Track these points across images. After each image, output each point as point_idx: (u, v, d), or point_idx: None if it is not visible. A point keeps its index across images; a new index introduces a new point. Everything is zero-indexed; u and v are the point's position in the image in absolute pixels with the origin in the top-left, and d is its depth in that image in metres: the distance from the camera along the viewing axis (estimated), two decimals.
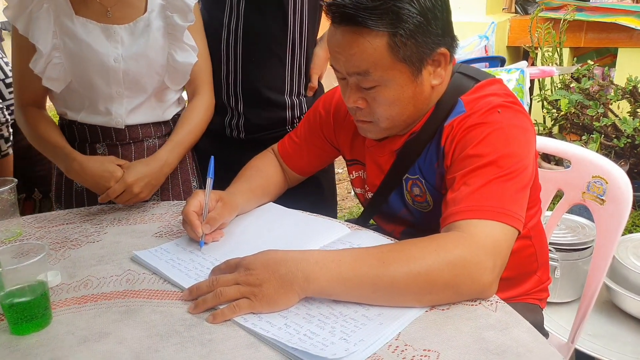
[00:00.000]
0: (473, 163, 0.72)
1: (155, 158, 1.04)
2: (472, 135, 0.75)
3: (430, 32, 0.74)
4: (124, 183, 0.98)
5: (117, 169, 0.99)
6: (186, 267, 0.77)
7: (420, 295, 0.63)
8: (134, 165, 1.01)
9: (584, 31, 3.12)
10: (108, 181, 0.98)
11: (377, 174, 0.91)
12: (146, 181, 1.00)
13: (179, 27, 1.04)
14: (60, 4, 0.99)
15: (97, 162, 1.00)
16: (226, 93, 1.20)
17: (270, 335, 0.60)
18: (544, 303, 1.02)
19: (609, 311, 1.47)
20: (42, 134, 1.04)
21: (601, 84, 2.70)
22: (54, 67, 1.00)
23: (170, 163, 1.07)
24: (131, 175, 0.98)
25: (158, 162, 1.04)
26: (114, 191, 0.97)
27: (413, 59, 0.74)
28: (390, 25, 0.71)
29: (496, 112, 0.76)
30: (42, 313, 0.64)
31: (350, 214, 2.58)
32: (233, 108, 1.21)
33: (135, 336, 0.62)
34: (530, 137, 0.77)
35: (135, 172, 0.99)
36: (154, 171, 1.02)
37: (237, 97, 1.20)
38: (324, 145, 1.01)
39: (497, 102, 0.77)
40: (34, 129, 1.05)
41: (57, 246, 0.87)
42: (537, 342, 0.58)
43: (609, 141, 2.60)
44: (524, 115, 0.78)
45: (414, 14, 0.71)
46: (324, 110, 0.99)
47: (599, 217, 1.02)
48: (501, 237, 0.67)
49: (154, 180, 1.03)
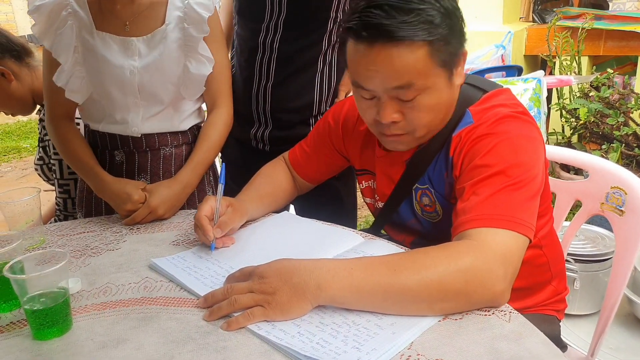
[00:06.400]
0: (482, 173, 0.73)
1: (177, 180, 1.07)
2: (481, 146, 0.75)
3: (456, 33, 0.75)
4: (148, 207, 1.01)
5: (135, 192, 1.02)
6: (202, 274, 0.78)
7: (432, 303, 0.63)
8: (156, 188, 1.04)
9: (603, 39, 3.08)
10: (125, 203, 1.01)
11: (387, 184, 0.91)
12: (170, 204, 1.04)
13: (194, 38, 1.07)
14: (82, 20, 1.03)
15: (121, 184, 1.04)
16: (256, 108, 1.22)
17: (283, 344, 0.60)
18: (561, 314, 1.00)
19: (630, 324, 1.43)
20: (73, 152, 1.09)
21: (622, 92, 2.66)
22: (76, 80, 1.05)
23: (192, 184, 1.10)
24: (155, 199, 1.02)
25: (180, 184, 1.07)
26: (139, 215, 1.01)
27: (448, 62, 0.75)
28: (428, 34, 0.71)
29: (504, 122, 0.76)
30: (63, 319, 0.66)
31: (367, 222, 2.58)
32: (262, 122, 1.23)
33: (152, 342, 0.63)
34: (538, 146, 0.77)
35: (159, 196, 1.02)
36: (177, 193, 1.06)
37: (266, 114, 1.22)
38: (332, 154, 1.02)
39: (505, 113, 0.77)
40: (67, 146, 1.10)
41: (78, 254, 0.89)
42: (552, 353, 0.57)
43: (630, 150, 2.55)
44: (532, 125, 0.78)
45: (443, 18, 0.73)
46: (333, 121, 1.00)
47: (619, 228, 1.01)
48: (512, 245, 0.67)
49: (177, 202, 1.06)
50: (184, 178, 1.08)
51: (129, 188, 1.02)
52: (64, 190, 1.43)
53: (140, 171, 1.13)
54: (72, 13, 1.03)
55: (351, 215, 1.35)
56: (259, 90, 1.20)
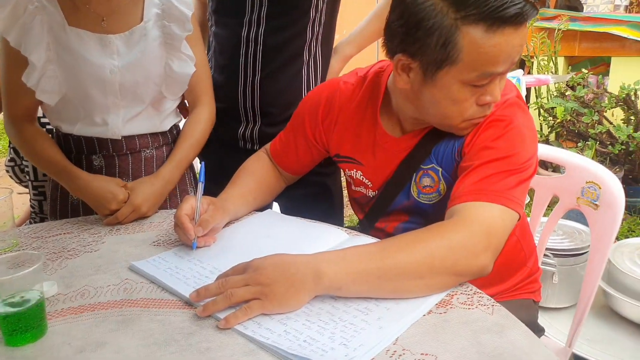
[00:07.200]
0: (489, 156, 0.77)
1: (159, 177, 1.05)
2: (493, 131, 0.79)
3: None
4: (131, 205, 0.98)
5: (120, 191, 0.99)
6: (185, 275, 0.77)
7: (426, 279, 0.66)
8: (138, 186, 1.01)
9: (578, 40, 3.16)
10: (110, 203, 0.98)
11: (382, 171, 0.91)
12: (152, 201, 1.01)
13: (177, 36, 1.05)
14: (52, 15, 0.98)
15: (102, 182, 1.00)
16: (243, 106, 1.20)
17: (270, 342, 0.59)
18: (537, 295, 1.03)
19: (606, 316, 1.47)
20: (41, 152, 1.04)
21: (595, 92, 2.74)
22: (48, 79, 0.99)
23: (173, 181, 1.08)
24: (138, 197, 0.99)
25: (162, 181, 1.04)
26: (122, 214, 0.98)
27: None
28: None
29: (512, 108, 0.81)
30: (37, 324, 0.64)
31: (351, 221, 2.58)
32: (250, 120, 1.21)
33: (132, 345, 0.62)
34: (536, 136, 0.83)
35: (141, 193, 1.00)
36: (159, 190, 1.03)
37: (255, 110, 1.19)
38: (309, 144, 1.01)
39: (513, 100, 0.82)
40: (32, 147, 1.04)
41: (54, 256, 0.87)
42: (534, 345, 0.58)
43: (604, 148, 2.62)
44: (531, 116, 0.85)
45: None
46: (311, 108, 0.99)
47: (594, 222, 1.03)
48: (497, 217, 0.71)
49: (160, 199, 1.04)
50: (165, 174, 1.05)
51: (112, 186, 0.99)
52: (39, 192, 1.38)
53: (122, 176, 1.09)
54: (40, 7, 0.96)
55: (340, 213, 1.35)
56: (246, 86, 1.18)
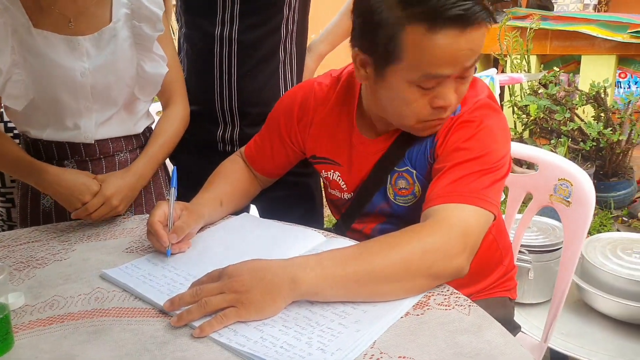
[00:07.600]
0: (461, 157, 0.77)
1: (130, 171, 1.02)
2: (464, 132, 0.79)
3: None
4: (102, 196, 0.95)
5: (93, 183, 0.96)
6: (158, 282, 0.75)
7: (402, 282, 0.66)
8: (109, 178, 0.98)
9: (549, 39, 3.24)
10: (83, 195, 0.94)
11: (357, 173, 0.91)
12: (124, 194, 0.98)
13: (148, 37, 1.02)
14: (16, 17, 0.94)
15: (73, 174, 0.97)
16: (220, 108, 1.16)
17: (246, 350, 0.58)
18: (513, 293, 1.04)
19: (580, 310, 1.51)
20: (4, 152, 0.99)
21: (567, 89, 2.80)
22: (14, 84, 0.95)
23: (146, 176, 1.05)
24: (109, 188, 0.96)
25: (134, 176, 1.02)
26: (92, 205, 0.94)
27: None
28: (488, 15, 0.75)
29: (483, 110, 0.81)
30: (2, 338, 0.61)
31: (329, 222, 2.57)
32: (228, 122, 1.18)
33: (103, 357, 0.60)
34: (509, 137, 0.84)
35: (112, 185, 0.97)
36: (131, 183, 1.00)
37: (233, 111, 1.16)
38: (285, 145, 1.00)
39: (484, 101, 0.82)
40: None
41: (22, 266, 0.83)
42: (510, 344, 0.59)
43: (575, 144, 2.69)
44: (504, 116, 0.85)
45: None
46: (286, 109, 0.98)
47: (566, 218, 1.06)
48: (473, 219, 0.71)
49: (131, 192, 1.01)
50: (138, 169, 1.02)
51: (84, 178, 0.96)
52: (7, 199, 1.33)
53: None
54: (1, 10, 0.93)
55: (320, 213, 1.34)
56: (222, 86, 1.15)
